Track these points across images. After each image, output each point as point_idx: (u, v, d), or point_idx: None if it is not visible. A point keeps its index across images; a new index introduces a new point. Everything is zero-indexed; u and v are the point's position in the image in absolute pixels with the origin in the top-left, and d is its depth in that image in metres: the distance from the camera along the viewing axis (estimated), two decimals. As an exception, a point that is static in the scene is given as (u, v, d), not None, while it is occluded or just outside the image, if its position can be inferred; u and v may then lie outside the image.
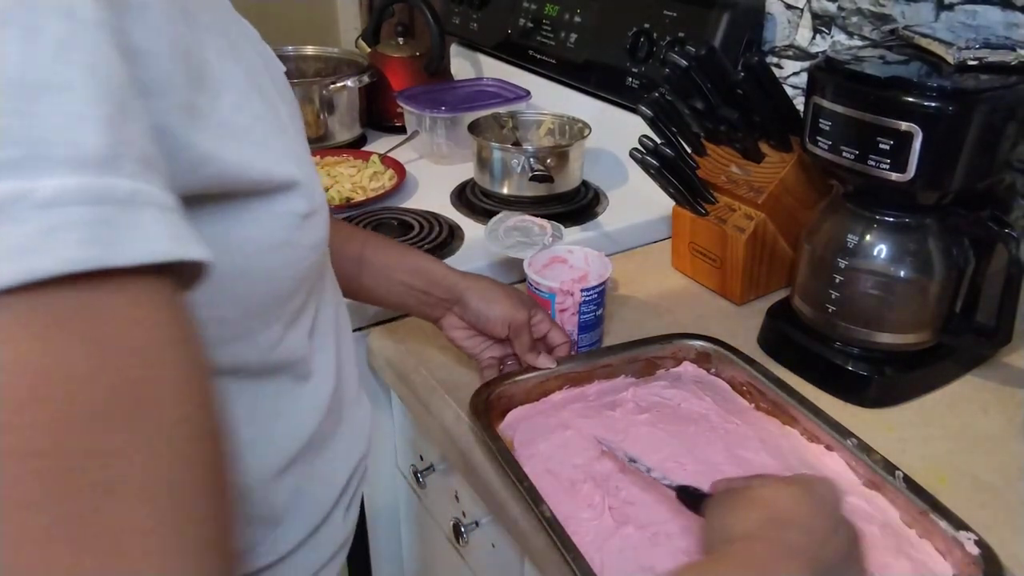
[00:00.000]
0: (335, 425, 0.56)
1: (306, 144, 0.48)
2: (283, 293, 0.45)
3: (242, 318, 0.43)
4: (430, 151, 1.38)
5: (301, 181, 0.42)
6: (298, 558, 0.53)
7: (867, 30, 1.05)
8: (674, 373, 0.85)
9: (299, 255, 0.44)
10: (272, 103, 0.44)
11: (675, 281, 1.07)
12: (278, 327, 0.46)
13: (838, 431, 0.73)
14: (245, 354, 0.45)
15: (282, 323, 0.46)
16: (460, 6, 1.61)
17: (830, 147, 0.78)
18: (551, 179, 1.17)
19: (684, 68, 0.92)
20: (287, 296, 0.45)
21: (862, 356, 0.84)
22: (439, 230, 1.12)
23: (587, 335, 0.89)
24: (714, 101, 0.94)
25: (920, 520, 0.66)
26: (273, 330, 0.45)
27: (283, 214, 0.41)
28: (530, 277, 0.88)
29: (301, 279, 0.46)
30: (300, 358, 0.50)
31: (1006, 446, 0.77)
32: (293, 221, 0.42)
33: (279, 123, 0.43)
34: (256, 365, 0.46)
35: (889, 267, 0.81)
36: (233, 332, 0.43)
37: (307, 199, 0.42)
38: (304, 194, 0.42)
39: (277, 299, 0.44)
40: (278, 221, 0.41)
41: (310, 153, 0.48)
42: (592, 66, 1.33)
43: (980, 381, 0.86)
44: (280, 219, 0.41)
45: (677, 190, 0.99)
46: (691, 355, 0.86)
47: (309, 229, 0.43)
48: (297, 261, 0.44)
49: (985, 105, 0.72)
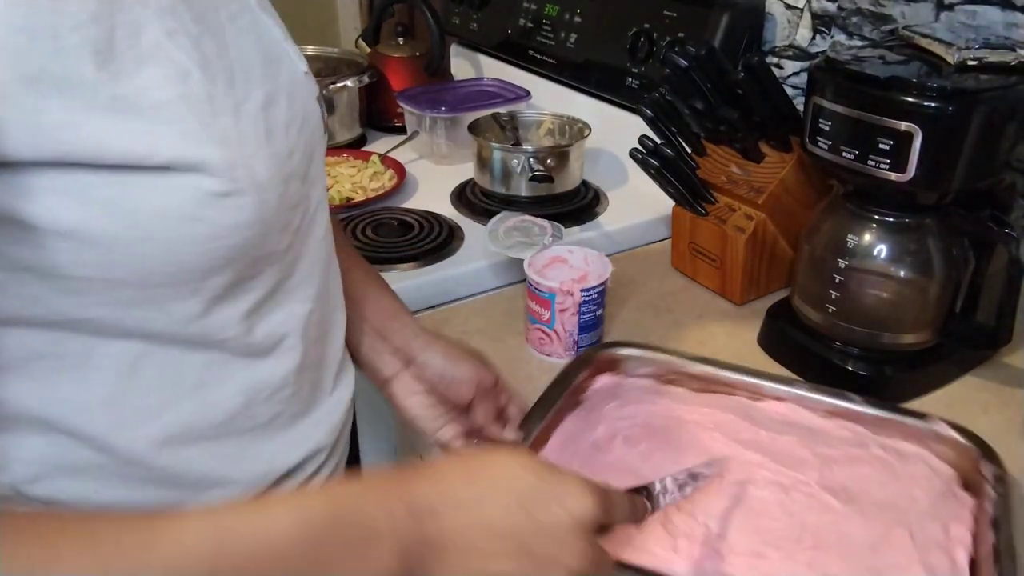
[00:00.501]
0: (284, 408, 0.56)
1: (265, 133, 0.48)
2: (196, 267, 0.45)
3: (144, 284, 0.44)
4: (430, 151, 1.38)
5: (213, 162, 0.43)
6: None
7: (867, 30, 1.05)
8: (597, 391, 0.80)
9: (213, 233, 0.45)
10: (233, 89, 0.46)
11: (675, 281, 1.07)
12: (195, 301, 0.47)
13: (777, 381, 0.77)
14: (155, 321, 0.46)
15: (202, 298, 0.47)
16: (460, 6, 1.61)
17: (830, 147, 0.78)
18: (551, 179, 1.17)
19: (684, 68, 0.92)
20: (204, 271, 0.46)
21: (862, 356, 0.84)
22: (439, 230, 1.12)
23: (587, 335, 0.89)
24: (714, 101, 0.94)
25: (890, 426, 0.72)
26: (190, 303, 0.46)
27: (185, 189, 0.43)
28: (530, 277, 0.88)
29: (223, 257, 0.46)
30: (232, 337, 0.50)
31: (1006, 446, 0.77)
32: (198, 197, 0.43)
33: (220, 107, 0.45)
34: (171, 335, 0.47)
35: (889, 267, 0.81)
36: (136, 296, 0.44)
37: (223, 179, 0.44)
38: (219, 174, 0.43)
39: (189, 272, 0.45)
40: (178, 195, 0.43)
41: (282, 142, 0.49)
42: (592, 66, 1.33)
43: (980, 381, 0.86)
44: (181, 193, 0.43)
45: (677, 190, 0.99)
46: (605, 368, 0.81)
47: (226, 210, 0.44)
48: (211, 239, 0.45)
49: (985, 105, 0.72)
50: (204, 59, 0.45)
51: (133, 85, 0.41)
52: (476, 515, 0.45)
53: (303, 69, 0.57)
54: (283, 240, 0.51)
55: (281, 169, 0.49)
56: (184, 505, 0.48)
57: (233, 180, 0.44)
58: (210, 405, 0.51)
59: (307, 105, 0.56)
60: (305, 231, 0.55)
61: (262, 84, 0.50)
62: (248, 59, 0.50)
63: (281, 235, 0.51)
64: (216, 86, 0.45)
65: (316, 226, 0.57)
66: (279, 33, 0.56)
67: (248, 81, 0.49)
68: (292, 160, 0.51)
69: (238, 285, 0.49)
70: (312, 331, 0.57)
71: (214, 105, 0.45)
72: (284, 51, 0.56)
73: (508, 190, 1.19)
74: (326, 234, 0.59)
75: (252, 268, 0.49)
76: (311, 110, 0.56)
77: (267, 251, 0.50)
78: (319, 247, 0.58)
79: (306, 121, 0.55)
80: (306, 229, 0.55)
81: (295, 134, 0.52)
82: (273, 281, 0.52)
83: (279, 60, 0.54)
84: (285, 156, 0.50)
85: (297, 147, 0.52)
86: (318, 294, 0.58)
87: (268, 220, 0.48)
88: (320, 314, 0.58)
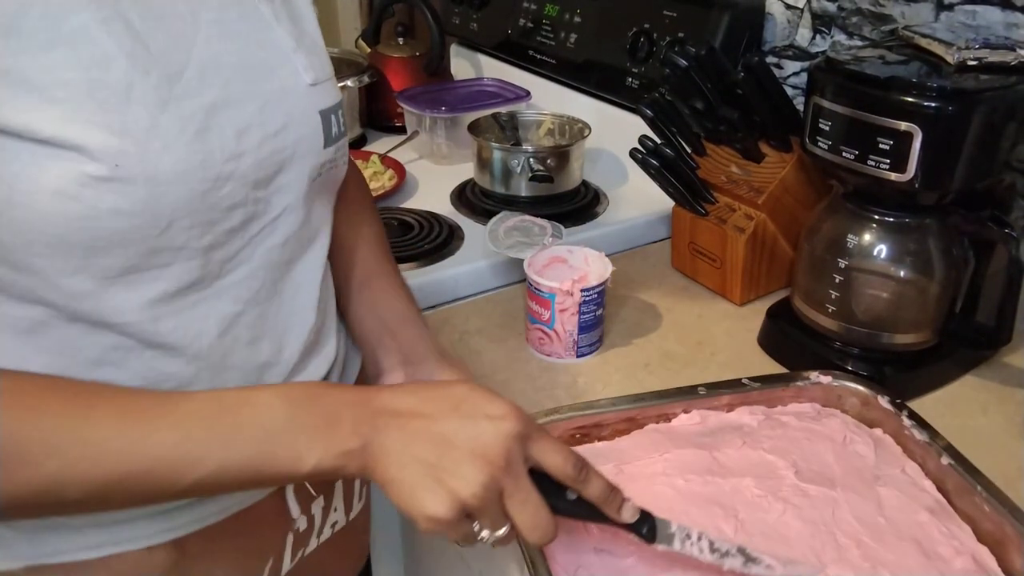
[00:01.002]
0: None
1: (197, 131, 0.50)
2: (76, 243, 0.47)
3: (27, 251, 0.47)
4: (430, 151, 1.38)
5: (96, 147, 0.45)
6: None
7: (867, 30, 1.05)
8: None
9: (90, 214, 0.46)
10: (173, 84, 0.48)
11: (675, 281, 1.07)
12: (84, 278, 0.48)
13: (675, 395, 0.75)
14: (49, 291, 0.48)
15: (91, 276, 0.49)
16: (460, 6, 1.61)
17: (830, 147, 0.78)
18: (551, 179, 1.17)
19: (684, 68, 0.92)
20: (85, 249, 0.47)
21: (862, 356, 0.84)
22: (439, 230, 1.12)
23: (587, 335, 0.89)
24: (714, 101, 0.94)
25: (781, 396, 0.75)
26: (78, 279, 0.48)
27: (64, 167, 0.45)
28: (530, 277, 0.88)
29: (105, 239, 0.48)
30: (134, 322, 0.51)
31: (1006, 446, 0.77)
32: (76, 177, 0.45)
33: (138, 96, 0.46)
34: (71, 310, 0.49)
35: (889, 267, 0.81)
36: (23, 261, 0.47)
37: (106, 166, 0.45)
38: (103, 160, 0.45)
39: (69, 247, 0.47)
40: (56, 172, 0.45)
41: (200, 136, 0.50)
42: (592, 66, 1.33)
43: (980, 381, 0.86)
44: (59, 171, 0.45)
45: (677, 190, 0.99)
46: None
47: (105, 194, 0.46)
48: (87, 219, 0.46)
49: (985, 105, 0.72)
50: (141, 51, 0.47)
51: (35, 62, 0.43)
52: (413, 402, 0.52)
53: (307, 81, 0.58)
54: (201, 237, 0.52)
55: (207, 168, 0.50)
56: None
57: (117, 167, 0.46)
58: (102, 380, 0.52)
59: (295, 115, 0.56)
60: (251, 235, 0.55)
61: (227, 86, 0.51)
62: (218, 60, 0.51)
63: (196, 231, 0.51)
64: (147, 77, 0.47)
65: (274, 233, 0.57)
66: (287, 44, 0.57)
67: (202, 80, 0.50)
68: (237, 163, 0.52)
69: (135, 271, 0.50)
70: (242, 333, 0.57)
71: (131, 94, 0.46)
72: (286, 61, 0.56)
73: (508, 190, 1.19)
74: (286, 242, 0.59)
75: (153, 258, 0.50)
76: (300, 121, 0.57)
77: (173, 244, 0.50)
78: (272, 252, 0.58)
79: (287, 130, 0.55)
80: (254, 233, 0.56)
81: (256, 139, 0.53)
82: (190, 276, 0.53)
83: (271, 68, 0.55)
84: (223, 157, 0.51)
85: (255, 152, 0.53)
86: (256, 298, 0.57)
87: (166, 213, 0.49)
88: (254, 317, 0.58)
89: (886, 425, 0.74)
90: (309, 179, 0.59)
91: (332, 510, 0.72)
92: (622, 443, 0.71)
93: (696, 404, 0.75)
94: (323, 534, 0.72)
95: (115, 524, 0.55)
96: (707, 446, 0.70)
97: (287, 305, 0.61)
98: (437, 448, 0.48)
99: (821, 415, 0.76)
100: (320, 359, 0.66)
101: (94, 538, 0.55)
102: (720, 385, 0.76)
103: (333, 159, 0.62)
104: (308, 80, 0.58)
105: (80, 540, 0.55)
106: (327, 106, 0.60)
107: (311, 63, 0.58)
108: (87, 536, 0.55)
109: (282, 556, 0.68)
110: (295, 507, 0.67)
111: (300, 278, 0.62)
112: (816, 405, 0.77)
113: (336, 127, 0.61)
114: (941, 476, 0.68)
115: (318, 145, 0.59)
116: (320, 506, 0.71)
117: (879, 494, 0.67)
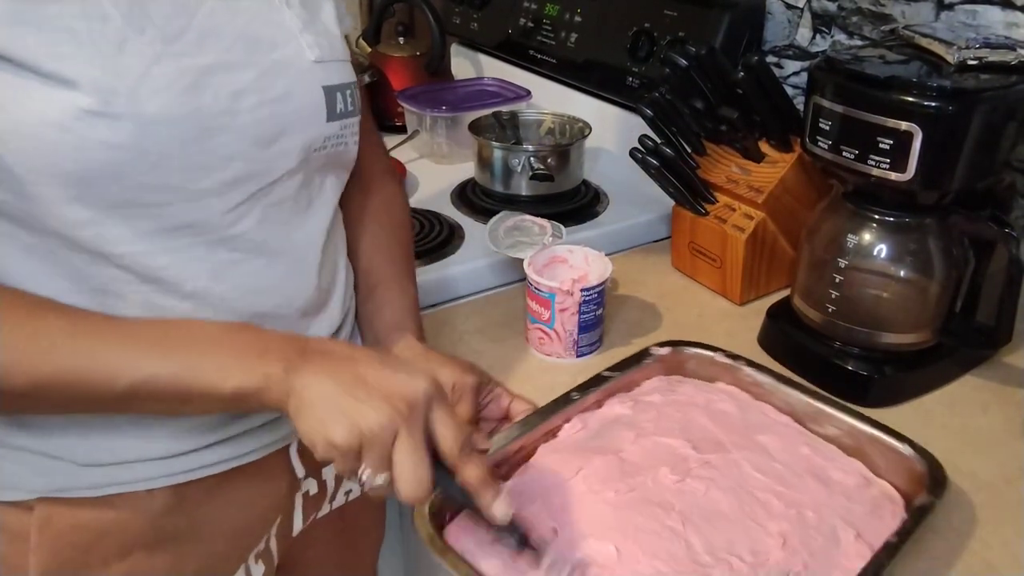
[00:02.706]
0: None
1: (191, 85, 0.55)
2: (72, 172, 0.52)
3: (30, 179, 0.52)
4: (431, 150, 1.39)
5: (88, 84, 0.50)
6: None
7: (867, 30, 1.05)
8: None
9: (82, 145, 0.51)
10: (168, 44, 0.54)
11: (675, 281, 1.07)
12: (81, 208, 0.53)
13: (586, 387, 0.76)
14: (47, 220, 0.53)
15: (88, 206, 0.53)
16: (461, 6, 1.61)
17: (830, 147, 0.78)
18: (551, 178, 1.17)
19: (684, 68, 0.92)
20: (80, 179, 0.52)
21: (862, 356, 0.84)
22: (439, 229, 1.12)
23: (587, 335, 0.89)
24: (714, 101, 0.94)
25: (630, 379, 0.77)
26: (74, 208, 0.53)
27: (61, 100, 0.50)
28: (530, 277, 0.88)
29: (98, 171, 0.52)
30: (128, 254, 0.56)
31: (1006, 446, 0.77)
32: (71, 110, 0.50)
33: (132, 50, 0.52)
34: (66, 237, 0.54)
35: (889, 267, 0.81)
36: (25, 188, 0.52)
37: (97, 100, 0.51)
38: (93, 95, 0.50)
39: (66, 176, 0.52)
40: (54, 104, 0.50)
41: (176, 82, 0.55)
42: (592, 66, 1.33)
43: (980, 381, 0.86)
44: (56, 103, 0.50)
45: (677, 190, 0.99)
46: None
47: (96, 128, 0.51)
48: (80, 149, 0.51)
49: (985, 105, 0.72)
50: (139, 13, 0.53)
51: (41, 10, 0.50)
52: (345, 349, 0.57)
53: (311, 58, 0.63)
54: (199, 181, 0.57)
55: (197, 118, 0.55)
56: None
57: (107, 103, 0.51)
58: (109, 311, 0.56)
59: (296, 88, 0.62)
60: (250, 191, 0.60)
61: (225, 52, 0.57)
62: (220, 30, 0.57)
63: (192, 174, 0.56)
64: (141, 35, 0.53)
65: (273, 192, 0.62)
66: (294, 24, 0.63)
67: (201, 44, 0.56)
68: (232, 118, 0.57)
69: (131, 206, 0.55)
70: (241, 281, 0.62)
71: (124, 47, 0.52)
72: (292, 39, 0.62)
73: (508, 189, 1.19)
74: (283, 203, 0.63)
75: (148, 194, 0.55)
76: (300, 93, 0.62)
77: (168, 183, 0.55)
78: (270, 211, 0.62)
79: (288, 98, 0.61)
80: (253, 191, 0.60)
81: (252, 102, 0.58)
82: (188, 218, 0.57)
83: (275, 43, 0.61)
84: (215, 111, 0.56)
85: (252, 112, 0.58)
86: (256, 250, 0.62)
87: (154, 150, 0.54)
88: (255, 268, 0.62)
89: (725, 377, 0.79)
90: (311, 148, 0.64)
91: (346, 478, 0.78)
92: (528, 476, 0.68)
93: (572, 410, 0.74)
94: (336, 500, 0.80)
95: (116, 465, 0.60)
96: (606, 449, 0.70)
97: (288, 266, 0.65)
98: (353, 384, 0.52)
99: (672, 384, 0.79)
100: (320, 324, 0.69)
101: (98, 477, 0.60)
102: (586, 385, 0.76)
103: (339, 134, 0.66)
104: (312, 57, 0.63)
105: (84, 478, 0.60)
106: (332, 83, 0.65)
107: (318, 43, 0.64)
108: (91, 475, 0.60)
109: (291, 515, 0.75)
110: (299, 467, 0.73)
111: (301, 242, 0.66)
112: (662, 377, 0.80)
113: (343, 104, 0.66)
114: (790, 409, 0.75)
115: (320, 118, 0.64)
116: (332, 473, 0.77)
117: (762, 443, 0.71)
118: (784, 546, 0.61)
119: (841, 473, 0.69)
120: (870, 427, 0.70)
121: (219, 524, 0.67)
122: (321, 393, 0.52)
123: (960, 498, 0.70)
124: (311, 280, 0.67)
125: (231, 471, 0.66)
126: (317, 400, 0.52)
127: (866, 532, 0.63)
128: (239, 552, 0.70)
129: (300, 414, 0.52)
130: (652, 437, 0.71)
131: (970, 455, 0.75)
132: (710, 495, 0.65)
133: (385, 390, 0.52)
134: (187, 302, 0.59)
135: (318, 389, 0.52)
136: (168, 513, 0.63)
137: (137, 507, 0.62)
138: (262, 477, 0.69)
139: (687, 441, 0.70)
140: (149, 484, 0.62)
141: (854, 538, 0.62)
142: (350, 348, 0.56)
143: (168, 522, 0.64)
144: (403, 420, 0.51)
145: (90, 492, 0.61)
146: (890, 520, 0.65)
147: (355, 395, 0.52)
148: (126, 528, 0.63)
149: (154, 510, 0.63)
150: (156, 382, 0.52)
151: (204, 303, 0.60)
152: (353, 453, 0.51)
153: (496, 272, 1.05)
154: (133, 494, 0.62)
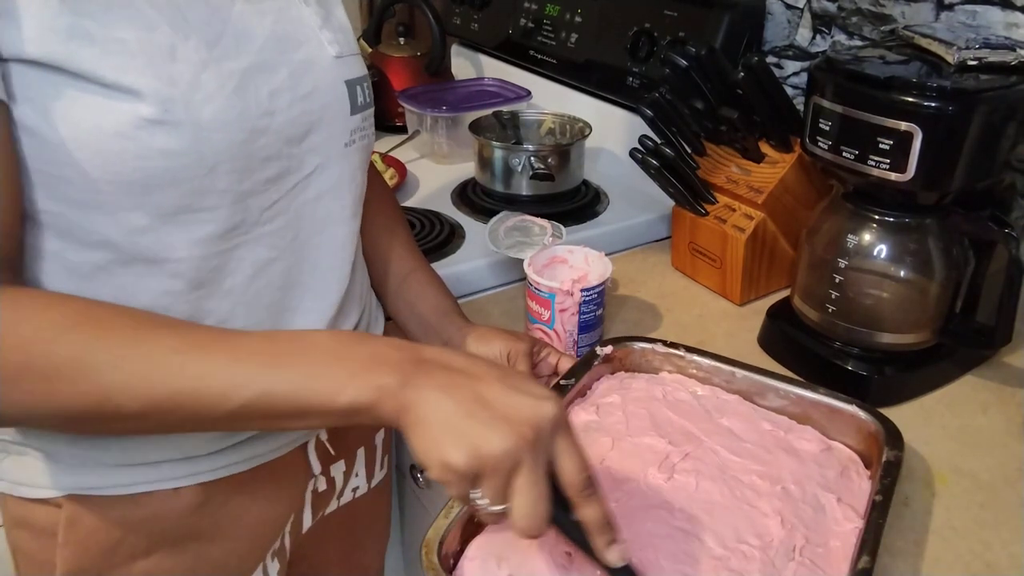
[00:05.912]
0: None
1: (235, 88, 0.56)
2: (134, 181, 0.53)
3: (90, 188, 0.53)
4: (431, 150, 1.39)
5: (149, 93, 0.51)
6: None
7: (867, 30, 1.05)
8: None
9: (145, 153, 0.52)
10: (212, 48, 0.55)
11: (675, 281, 1.07)
12: (142, 215, 0.54)
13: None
14: (105, 229, 0.54)
15: (148, 213, 0.54)
16: (461, 6, 1.61)
17: (830, 147, 0.78)
18: (552, 178, 1.17)
19: (684, 68, 0.92)
20: (142, 186, 0.53)
21: (862, 356, 0.84)
22: (440, 229, 1.12)
23: (587, 335, 0.89)
24: (714, 101, 0.94)
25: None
26: (135, 216, 0.54)
27: (123, 111, 0.51)
28: (530, 277, 0.88)
29: (159, 177, 0.53)
30: (184, 258, 0.57)
31: (1006, 446, 0.77)
32: (131, 120, 0.51)
33: (182, 56, 0.53)
34: (122, 247, 0.55)
35: (889, 267, 0.81)
36: (86, 197, 0.53)
37: (157, 109, 0.52)
38: (154, 105, 0.51)
39: (128, 184, 0.53)
40: (116, 114, 0.51)
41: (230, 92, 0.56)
42: (592, 66, 1.33)
43: (980, 381, 0.86)
44: (118, 113, 0.51)
45: (677, 190, 0.99)
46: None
47: (158, 135, 0.52)
48: (142, 158, 0.52)
49: (985, 105, 0.72)
50: (180, 19, 0.54)
51: (95, 22, 0.50)
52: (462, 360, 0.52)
53: (332, 54, 0.64)
54: (241, 183, 0.57)
55: (244, 120, 0.56)
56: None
57: (166, 111, 0.52)
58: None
59: (321, 84, 0.63)
60: (286, 188, 0.62)
61: (259, 53, 0.58)
62: (251, 32, 0.58)
63: (235, 177, 0.57)
64: (187, 41, 0.54)
65: (308, 188, 0.64)
66: (313, 21, 0.64)
67: (238, 47, 0.57)
68: (271, 119, 0.58)
69: (187, 212, 0.56)
70: (275, 278, 0.63)
71: (175, 54, 0.53)
72: (313, 36, 0.63)
73: (509, 189, 1.19)
74: (319, 198, 0.65)
75: (201, 199, 0.56)
76: (325, 89, 0.63)
77: (217, 187, 0.56)
78: (306, 207, 0.64)
79: (315, 94, 0.62)
80: (289, 187, 0.62)
81: (286, 100, 0.59)
82: (234, 220, 0.58)
83: (299, 41, 0.62)
84: (258, 112, 0.57)
85: (286, 112, 0.59)
86: (291, 247, 0.64)
87: (210, 156, 0.55)
88: (288, 265, 0.64)
89: (667, 366, 0.81)
90: (341, 143, 0.66)
91: (353, 475, 0.80)
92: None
93: None
94: (343, 496, 0.81)
95: (144, 466, 0.61)
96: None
97: (319, 261, 0.67)
98: (474, 404, 0.48)
99: (623, 381, 0.80)
100: (348, 318, 0.72)
101: (126, 477, 0.61)
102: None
103: (362, 127, 0.68)
104: (333, 53, 0.64)
105: (113, 478, 0.61)
106: (352, 77, 0.66)
107: (336, 39, 0.65)
108: (120, 474, 0.61)
109: (302, 512, 0.75)
110: (316, 463, 0.74)
111: (332, 239, 0.68)
112: (609, 376, 0.81)
113: (362, 97, 0.68)
114: (736, 388, 0.77)
115: (345, 111, 0.65)
116: (341, 470, 0.78)
117: (726, 426, 0.72)
118: (782, 524, 0.62)
119: (804, 442, 0.71)
120: (812, 392, 0.73)
121: (242, 521, 0.68)
122: (439, 410, 0.48)
123: (960, 498, 0.71)
124: (344, 274, 0.69)
125: (254, 468, 0.66)
126: (434, 418, 0.48)
127: (844, 495, 0.65)
128: (259, 550, 0.70)
129: (415, 431, 0.48)
130: (628, 439, 0.70)
131: (970, 455, 0.76)
132: (702, 487, 0.66)
133: (509, 413, 0.48)
134: (225, 301, 0.60)
135: (435, 406, 0.48)
136: (193, 511, 0.64)
137: (163, 505, 0.63)
138: (282, 474, 0.70)
139: (662, 437, 0.70)
140: (176, 483, 0.63)
141: (836, 503, 0.64)
142: (468, 360, 0.52)
143: (193, 520, 0.64)
144: (528, 448, 0.47)
145: (118, 491, 0.61)
146: (858, 480, 0.67)
147: (477, 417, 0.47)
148: (152, 526, 0.63)
149: (180, 508, 0.63)
150: (269, 399, 0.49)
151: (240, 301, 0.61)
152: (470, 478, 0.47)
153: (496, 272, 1.05)
154: (160, 492, 0.62)
